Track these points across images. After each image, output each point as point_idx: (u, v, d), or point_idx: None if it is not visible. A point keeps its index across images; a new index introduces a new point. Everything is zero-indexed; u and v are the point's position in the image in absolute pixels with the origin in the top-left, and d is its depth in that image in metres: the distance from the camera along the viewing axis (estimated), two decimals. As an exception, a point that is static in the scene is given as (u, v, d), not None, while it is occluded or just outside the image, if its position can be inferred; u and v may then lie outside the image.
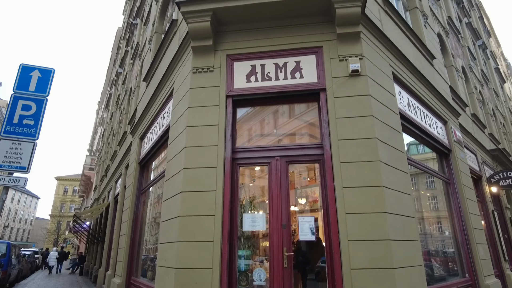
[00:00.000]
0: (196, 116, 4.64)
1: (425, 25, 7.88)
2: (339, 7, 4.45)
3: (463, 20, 15.47)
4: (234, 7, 4.69)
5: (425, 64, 7.14)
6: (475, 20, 18.98)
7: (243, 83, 4.79)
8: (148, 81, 8.36)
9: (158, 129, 6.64)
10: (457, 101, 9.30)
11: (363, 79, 4.44)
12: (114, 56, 32.93)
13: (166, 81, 6.29)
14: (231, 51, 4.92)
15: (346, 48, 4.57)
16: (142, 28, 12.87)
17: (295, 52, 4.73)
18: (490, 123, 13.74)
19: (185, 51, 5.41)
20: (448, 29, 11.23)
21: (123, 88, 16.50)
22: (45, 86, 5.64)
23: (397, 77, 5.50)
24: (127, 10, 22.72)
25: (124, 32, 21.11)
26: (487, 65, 18.80)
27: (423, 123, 6.31)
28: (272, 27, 4.86)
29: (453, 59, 10.74)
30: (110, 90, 27.72)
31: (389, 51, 5.43)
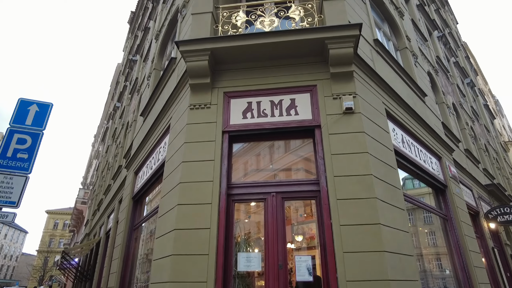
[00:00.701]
0: (192, 152, 4.64)
1: (415, 64, 8.19)
2: (332, 48, 4.64)
3: (450, 59, 16.13)
4: (231, 47, 4.86)
5: (417, 101, 7.33)
6: (462, 59, 19.79)
7: (240, 119, 4.85)
8: (145, 116, 8.45)
9: (153, 164, 6.60)
10: (450, 137, 9.45)
11: (357, 116, 4.52)
12: (112, 90, 33.51)
13: (163, 116, 6.35)
14: (228, 89, 5.03)
15: (339, 87, 4.71)
16: (141, 65, 13.21)
17: (290, 90, 4.85)
18: (484, 158, 13.87)
19: (183, 88, 5.53)
20: (437, 67, 11.66)
21: (120, 122, 16.62)
22: (42, 120, 5.67)
23: (390, 114, 5.62)
24: (127, 47, 23.45)
25: (124, 68, 21.64)
26: (477, 101, 19.34)
27: (418, 159, 6.36)
28: (268, 66, 5.02)
29: (444, 96, 11.05)
30: (107, 124, 27.88)
31: (382, 89, 5.59)
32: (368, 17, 6.52)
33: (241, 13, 5.41)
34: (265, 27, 5.19)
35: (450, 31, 19.23)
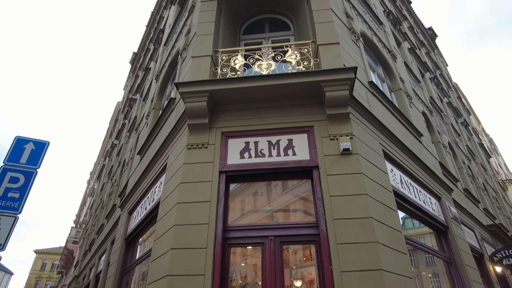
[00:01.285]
0: (188, 192, 4.55)
1: (410, 105, 8.36)
2: (328, 90, 4.73)
3: (443, 99, 16.54)
4: (230, 89, 4.95)
5: (414, 141, 7.38)
6: (454, 99, 20.32)
7: (237, 159, 4.82)
8: (142, 155, 8.41)
9: (148, 204, 6.45)
10: (448, 177, 9.41)
11: (355, 157, 4.51)
12: (111, 128, 33.76)
13: (160, 156, 6.32)
14: (226, 129, 5.05)
15: (336, 128, 4.74)
16: (141, 103, 13.42)
17: (287, 130, 4.87)
18: (483, 198, 13.74)
19: (181, 128, 5.55)
20: (431, 108, 11.91)
21: (116, 160, 16.54)
22: (37, 158, 5.59)
23: (388, 155, 5.61)
24: (128, 86, 23.98)
25: (123, 106, 21.97)
26: (471, 140, 19.57)
27: (417, 200, 6.26)
28: (266, 107, 5.09)
29: (439, 135, 11.18)
30: (103, 161, 27.75)
31: (378, 130, 5.63)
32: (363, 60, 6.75)
33: (240, 57, 5.59)
34: (262, 70, 5.33)
35: (441, 72, 19.93)
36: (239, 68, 5.54)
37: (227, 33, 6.83)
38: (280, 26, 7.21)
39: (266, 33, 7.09)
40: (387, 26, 10.41)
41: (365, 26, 8.25)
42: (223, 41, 6.55)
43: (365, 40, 7.78)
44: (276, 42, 6.76)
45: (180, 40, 8.22)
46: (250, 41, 6.99)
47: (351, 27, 7.00)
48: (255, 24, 7.38)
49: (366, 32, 7.95)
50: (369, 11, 9.37)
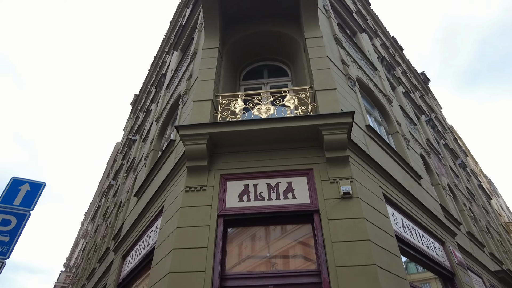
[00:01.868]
0: (184, 237, 4.41)
1: (408, 148, 8.43)
2: (327, 134, 4.80)
3: (440, 141, 16.74)
4: (229, 132, 5.02)
5: (414, 184, 7.34)
6: (451, 141, 20.57)
7: (236, 202, 4.74)
8: (139, 197, 8.28)
9: (143, 249, 6.23)
10: (450, 220, 9.24)
11: (356, 201, 4.45)
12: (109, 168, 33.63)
13: (157, 198, 6.22)
14: (225, 171, 5.03)
15: (336, 171, 4.73)
16: (140, 144, 13.49)
17: (286, 173, 4.86)
18: (488, 241, 13.38)
19: (179, 170, 5.53)
20: (428, 150, 12.01)
21: (113, 201, 16.26)
22: (31, 200, 5.47)
23: (388, 198, 5.55)
24: (128, 127, 24.28)
25: (122, 147, 22.07)
26: (471, 182, 19.50)
27: (421, 244, 6.09)
28: (265, 150, 5.11)
29: (438, 177, 11.15)
30: (99, 202, 27.27)
31: (378, 173, 5.63)
32: (359, 104, 6.92)
33: (240, 101, 5.73)
34: (262, 114, 5.43)
35: (436, 115, 20.38)
36: (239, 111, 5.65)
37: (228, 79, 7.07)
38: (279, 72, 7.48)
39: (265, 78, 7.34)
40: (381, 72, 10.82)
41: (361, 72, 8.57)
42: (223, 86, 6.75)
43: (361, 85, 8.03)
44: (274, 87, 6.97)
45: (182, 84, 8.47)
46: (250, 86, 7.21)
47: (347, 73, 7.27)
48: (254, 70, 7.66)
49: (361, 77, 8.24)
50: (363, 58, 9.79)
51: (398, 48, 19.99)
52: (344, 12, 11.09)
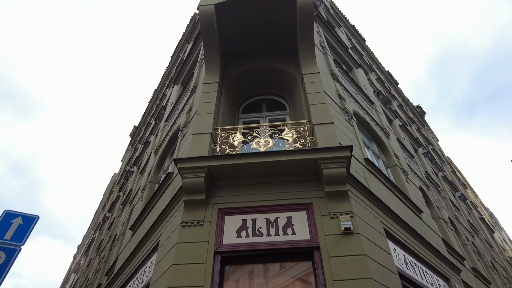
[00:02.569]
0: (179, 275, 4.25)
1: (407, 181, 8.39)
2: (326, 168, 4.78)
3: (438, 174, 16.72)
4: (228, 165, 5.00)
5: (414, 218, 7.22)
6: (449, 173, 20.55)
7: (233, 238, 4.62)
8: (134, 230, 8.09)
9: (137, 286, 5.98)
10: (454, 255, 9.00)
11: (357, 237, 4.35)
12: (105, 199, 33.13)
13: (153, 233, 6.07)
14: (223, 205, 4.95)
15: (336, 206, 4.67)
16: (137, 176, 13.39)
17: (286, 207, 4.79)
18: (493, 277, 12.96)
19: (176, 204, 5.44)
20: (427, 183, 11.96)
21: (107, 234, 15.86)
22: (23, 234, 5.31)
23: (390, 234, 5.44)
24: (126, 158, 24.24)
25: (120, 178, 21.89)
26: (472, 215, 19.24)
27: (425, 282, 5.88)
28: (264, 184, 5.07)
29: (439, 211, 11.01)
30: (93, 234, 26.60)
31: (378, 207, 5.55)
32: (357, 138, 6.97)
33: (238, 134, 5.77)
34: (260, 147, 5.45)
35: (433, 147, 20.51)
36: (237, 144, 5.67)
37: (227, 112, 7.16)
38: (277, 106, 7.61)
39: (264, 112, 7.45)
40: (378, 105, 11.02)
41: (357, 106, 8.73)
42: (222, 119, 6.82)
43: (358, 118, 8.14)
44: (273, 120, 7.05)
45: (182, 117, 8.57)
46: (248, 119, 7.30)
47: (344, 107, 7.39)
48: (253, 104, 7.79)
49: (358, 111, 8.37)
50: (360, 92, 10.00)
51: (393, 82, 20.51)
52: (340, 48, 11.48)
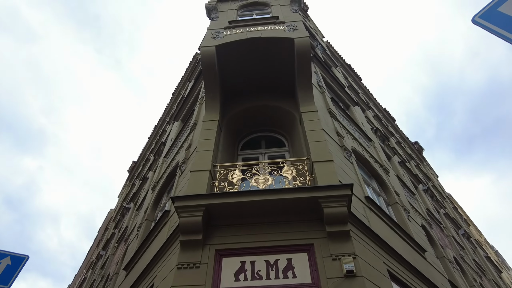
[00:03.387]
0: (175, 322, 4.01)
1: (408, 219, 8.23)
2: (326, 206, 4.70)
3: (440, 211, 16.46)
4: (226, 203, 4.91)
5: (418, 258, 6.99)
6: (451, 210, 20.24)
7: (231, 281, 4.43)
8: (128, 270, 7.77)
9: (128, 333, 5.64)
10: (462, 298, 8.61)
11: (360, 280, 4.17)
12: (99, 237, 32.23)
13: (148, 274, 5.83)
14: (221, 246, 4.80)
15: (337, 247, 4.53)
16: (134, 213, 13.13)
17: (286, 249, 4.64)
18: (504, 323, 12.31)
19: (172, 244, 5.27)
20: (429, 220, 11.73)
21: (100, 273, 15.24)
22: (10, 275, 5.06)
23: (393, 276, 5.23)
24: (123, 194, 23.92)
25: (116, 214, 21.46)
26: (477, 254, 18.69)
27: (433, 329, 5.56)
28: (263, 223, 4.95)
29: (443, 249, 10.69)
30: (85, 273, 25.55)
31: (380, 247, 5.39)
32: (357, 175, 6.93)
33: (237, 171, 5.73)
34: (259, 185, 5.39)
35: (433, 184, 20.37)
36: (236, 182, 5.61)
37: (226, 149, 7.18)
38: (276, 143, 7.64)
39: (263, 149, 7.47)
40: (376, 142, 11.09)
41: (356, 143, 8.78)
42: (221, 156, 6.82)
43: (357, 156, 8.15)
44: (272, 157, 7.05)
45: (181, 153, 8.57)
46: (248, 156, 7.30)
47: (343, 144, 7.43)
48: (252, 141, 7.83)
49: (357, 148, 8.40)
50: (358, 129, 10.11)
51: (390, 119, 20.83)
52: (337, 87, 11.78)
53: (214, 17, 8.99)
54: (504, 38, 2.44)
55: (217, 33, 7.66)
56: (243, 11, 9.83)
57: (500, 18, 2.54)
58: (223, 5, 9.70)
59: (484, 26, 2.60)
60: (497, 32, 2.50)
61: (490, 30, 2.55)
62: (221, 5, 9.71)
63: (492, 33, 2.55)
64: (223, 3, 9.85)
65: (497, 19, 2.56)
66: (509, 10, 2.52)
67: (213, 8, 9.38)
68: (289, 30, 7.55)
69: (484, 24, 2.61)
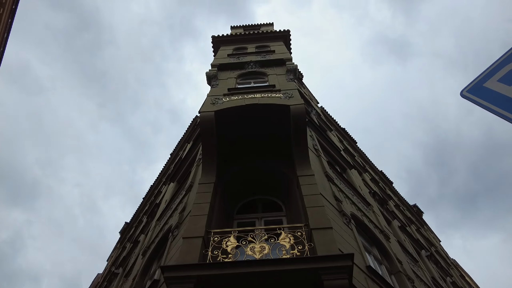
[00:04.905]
0: None
1: (413, 290, 7.72)
2: (327, 279, 4.42)
3: (446, 279, 15.57)
4: (220, 275, 4.61)
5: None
6: (458, 278, 19.16)
7: None
8: None
9: None
10: None
11: None
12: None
13: None
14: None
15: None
16: (121, 280, 12.30)
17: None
18: None
19: (160, 320, 4.83)
20: (436, 291, 11.02)
21: None
22: None
23: None
24: (112, 257, 22.71)
25: (102, 280, 20.12)
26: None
27: None
28: (258, 297, 4.60)
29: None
30: None
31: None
32: (357, 243, 6.66)
33: (232, 238, 5.49)
34: (255, 254, 5.12)
35: (436, 249, 19.60)
36: (231, 250, 5.34)
37: (221, 212, 6.99)
38: (273, 207, 7.48)
39: (259, 213, 7.28)
40: (375, 206, 10.90)
41: (354, 208, 8.61)
42: (216, 220, 6.60)
43: (356, 221, 7.94)
44: (269, 222, 6.83)
45: (174, 216, 8.32)
46: (244, 220, 7.08)
47: (341, 209, 7.27)
48: (248, 204, 7.67)
49: (356, 213, 8.21)
50: (356, 193, 10.00)
51: (387, 182, 20.79)
52: (332, 150, 11.94)
53: (214, 84, 9.45)
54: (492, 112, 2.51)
55: (216, 99, 7.97)
56: (242, 79, 10.38)
57: (487, 93, 2.64)
58: (223, 74, 10.27)
59: (473, 100, 2.69)
60: (485, 106, 2.58)
61: (479, 104, 2.64)
62: (221, 73, 10.27)
63: (480, 106, 2.62)
64: (223, 71, 10.44)
65: (483, 94, 2.66)
66: (494, 86, 2.63)
67: (213, 76, 9.90)
68: (285, 98, 7.88)
69: (472, 98, 2.70)
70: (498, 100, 2.51)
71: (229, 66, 11.12)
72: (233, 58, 11.82)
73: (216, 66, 10.80)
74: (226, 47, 13.32)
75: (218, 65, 10.89)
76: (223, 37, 14.08)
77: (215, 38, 14.02)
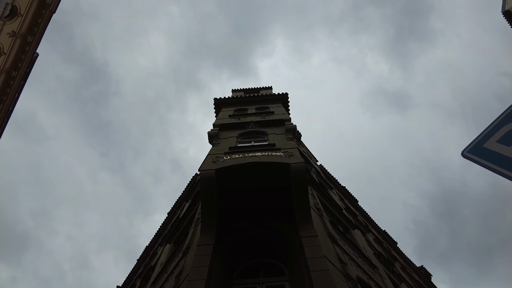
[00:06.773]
0: None
1: None
2: None
3: None
4: None
5: None
6: None
7: None
8: None
9: None
10: None
11: None
12: None
13: None
14: None
15: None
16: None
17: None
18: None
19: None
20: None
21: None
22: None
23: None
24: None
25: None
26: None
27: None
28: None
29: None
30: None
31: None
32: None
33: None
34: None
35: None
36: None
37: (220, 277, 6.61)
38: (275, 271, 7.10)
39: (260, 278, 6.89)
40: (380, 269, 10.37)
41: (360, 270, 8.18)
42: (215, 285, 6.22)
43: (363, 285, 7.49)
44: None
45: (170, 281, 7.85)
46: (244, 286, 6.68)
47: (347, 273, 6.90)
48: (249, 268, 7.29)
49: (361, 276, 7.79)
50: (360, 255, 9.58)
51: (392, 243, 20.07)
52: (334, 209, 11.73)
53: (215, 143, 9.61)
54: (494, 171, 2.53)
55: (217, 158, 8.04)
56: (243, 138, 10.59)
57: (487, 153, 2.69)
58: (224, 133, 10.50)
59: (474, 160, 2.73)
60: (487, 166, 2.61)
61: (481, 164, 2.66)
62: (222, 133, 10.52)
63: (482, 166, 2.65)
64: (224, 131, 10.70)
65: (484, 154, 2.70)
66: (494, 146, 2.69)
67: (215, 135, 10.12)
68: (285, 156, 7.96)
69: (473, 158, 2.74)
70: (499, 160, 2.55)
71: (230, 126, 11.43)
72: (234, 118, 12.20)
73: (218, 126, 11.09)
74: (228, 109, 13.84)
75: (219, 125, 11.20)
76: (224, 99, 14.70)
77: (217, 100, 14.62)
